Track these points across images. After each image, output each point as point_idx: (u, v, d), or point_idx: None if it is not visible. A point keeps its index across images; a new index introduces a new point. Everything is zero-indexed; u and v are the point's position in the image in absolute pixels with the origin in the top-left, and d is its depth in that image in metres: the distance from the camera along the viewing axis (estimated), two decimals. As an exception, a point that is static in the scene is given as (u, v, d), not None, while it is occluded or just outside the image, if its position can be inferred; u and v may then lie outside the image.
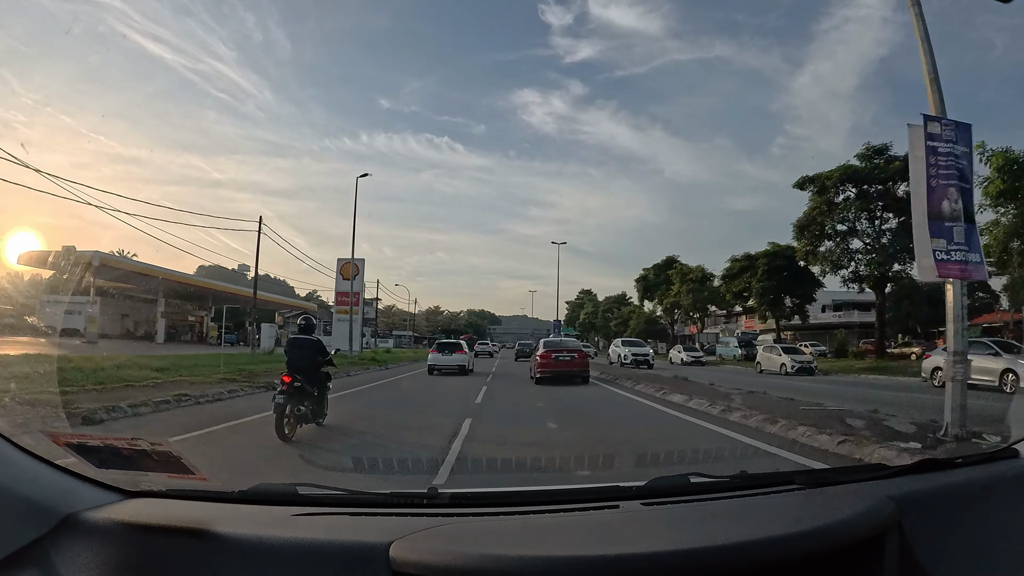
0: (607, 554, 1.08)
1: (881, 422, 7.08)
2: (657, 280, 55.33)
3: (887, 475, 1.58)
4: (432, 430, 7.28)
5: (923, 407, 9.19)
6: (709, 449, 5.70)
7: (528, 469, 4.76)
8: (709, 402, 9.76)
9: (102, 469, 1.35)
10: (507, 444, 6.44)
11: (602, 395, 13.21)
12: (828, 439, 6.22)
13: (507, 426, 8.14)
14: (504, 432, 7.50)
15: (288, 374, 6.51)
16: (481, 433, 6.95)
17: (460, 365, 19.74)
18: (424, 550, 1.09)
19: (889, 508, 1.28)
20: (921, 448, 5.46)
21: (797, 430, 6.81)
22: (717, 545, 1.13)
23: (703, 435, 7.09)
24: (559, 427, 7.91)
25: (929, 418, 7.03)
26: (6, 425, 2.64)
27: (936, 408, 6.98)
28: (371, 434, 7.32)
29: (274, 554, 1.11)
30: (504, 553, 1.10)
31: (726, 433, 7.10)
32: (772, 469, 3.48)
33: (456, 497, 1.49)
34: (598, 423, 8.70)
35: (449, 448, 5.70)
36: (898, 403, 10.72)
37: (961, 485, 1.48)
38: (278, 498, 1.43)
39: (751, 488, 1.58)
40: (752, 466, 4.27)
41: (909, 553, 1.23)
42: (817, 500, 1.49)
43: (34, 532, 1.10)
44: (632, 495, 1.49)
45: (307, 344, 7.04)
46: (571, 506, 1.44)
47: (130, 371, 11.90)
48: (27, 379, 8.49)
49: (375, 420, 8.60)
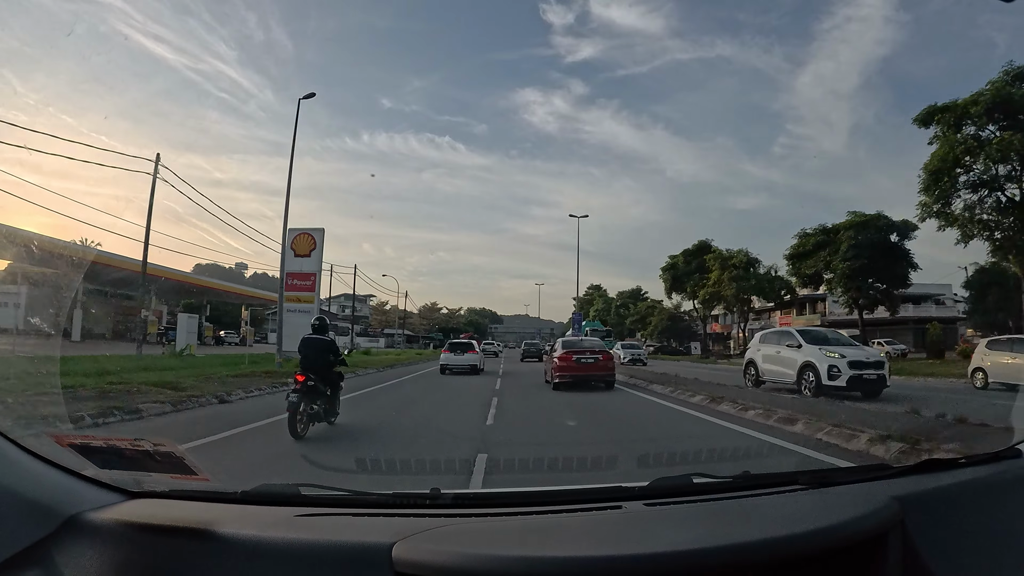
0: (610, 555, 1.08)
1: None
2: (687, 269, 47.01)
3: (890, 475, 1.58)
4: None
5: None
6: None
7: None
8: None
9: (105, 470, 1.34)
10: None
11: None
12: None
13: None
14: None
15: (301, 373, 6.68)
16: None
17: (472, 365, 20.01)
18: (427, 551, 1.09)
19: (892, 508, 1.27)
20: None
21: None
22: (720, 545, 1.13)
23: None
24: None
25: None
26: (9, 426, 2.06)
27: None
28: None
29: (277, 554, 1.11)
30: (507, 554, 1.10)
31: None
32: (776, 469, 3.20)
33: (459, 498, 1.49)
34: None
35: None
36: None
37: (964, 485, 1.45)
38: (281, 498, 1.43)
39: (754, 488, 1.57)
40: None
41: (912, 553, 1.22)
42: (820, 500, 1.48)
43: (37, 533, 1.11)
44: (635, 495, 1.48)
45: (320, 344, 7.12)
46: (574, 506, 1.43)
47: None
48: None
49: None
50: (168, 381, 10.67)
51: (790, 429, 7.01)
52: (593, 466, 4.53)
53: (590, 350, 14.51)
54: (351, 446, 6.25)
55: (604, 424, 8.48)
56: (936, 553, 1.22)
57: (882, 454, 5.38)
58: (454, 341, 23.85)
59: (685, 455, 4.99)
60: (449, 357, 20.23)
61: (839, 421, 6.71)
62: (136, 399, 8.45)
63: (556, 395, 12.30)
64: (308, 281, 22.72)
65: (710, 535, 1.20)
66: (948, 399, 11.14)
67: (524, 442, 6.73)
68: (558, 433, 7.58)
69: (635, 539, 1.21)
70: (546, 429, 8.03)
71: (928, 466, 1.57)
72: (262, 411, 8.33)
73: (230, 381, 12.04)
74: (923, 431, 5.80)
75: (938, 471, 1.54)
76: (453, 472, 4.64)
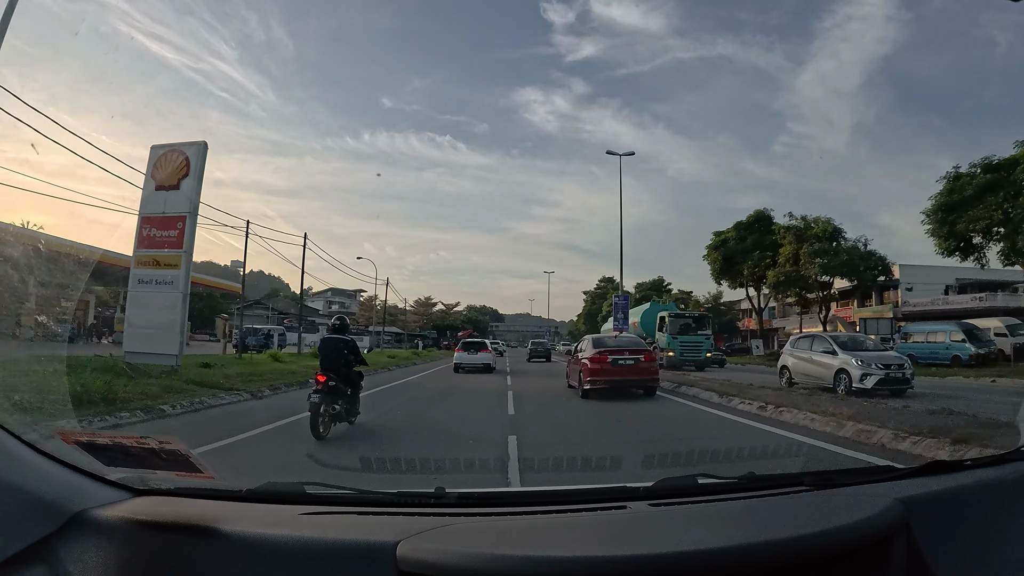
0: (614, 555, 1.09)
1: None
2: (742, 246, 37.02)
3: (895, 476, 1.57)
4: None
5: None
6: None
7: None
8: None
9: (110, 467, 1.34)
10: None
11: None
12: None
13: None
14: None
15: (323, 373, 6.72)
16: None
17: (485, 363, 20.87)
18: (431, 549, 1.09)
19: (897, 510, 1.26)
20: None
21: None
22: (724, 546, 1.12)
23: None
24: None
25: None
26: (16, 423, 1.90)
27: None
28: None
29: (281, 552, 1.11)
30: (511, 553, 1.10)
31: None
32: (781, 470, 3.18)
33: (463, 497, 1.48)
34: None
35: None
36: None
37: (970, 487, 1.44)
38: (286, 497, 1.43)
39: (759, 489, 1.56)
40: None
41: (917, 555, 1.21)
42: (825, 501, 1.47)
43: (43, 529, 1.11)
44: (640, 496, 1.48)
45: (340, 344, 7.14)
46: (578, 506, 1.43)
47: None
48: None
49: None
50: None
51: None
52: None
53: (630, 350, 12.19)
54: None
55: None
56: (941, 556, 1.21)
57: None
58: (467, 341, 24.56)
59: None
60: (463, 356, 21.23)
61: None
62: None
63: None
64: (173, 232, 12.67)
65: (714, 536, 1.20)
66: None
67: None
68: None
69: (639, 539, 1.22)
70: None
71: (933, 468, 1.56)
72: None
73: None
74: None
75: (943, 473, 1.53)
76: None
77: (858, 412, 7.51)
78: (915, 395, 11.66)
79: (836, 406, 8.21)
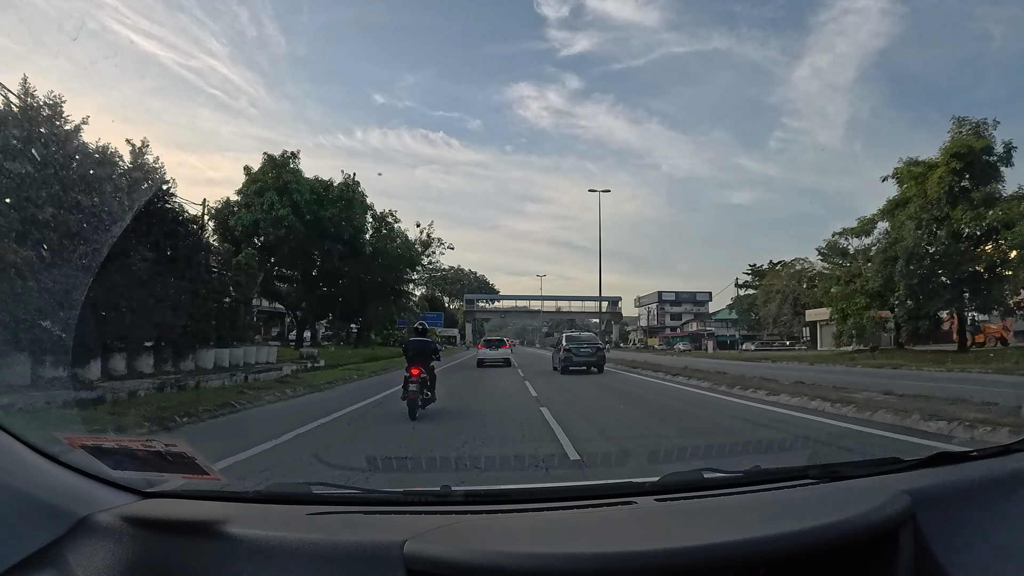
0: (621, 550, 1.08)
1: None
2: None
3: (902, 468, 1.56)
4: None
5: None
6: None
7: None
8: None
9: (117, 470, 1.34)
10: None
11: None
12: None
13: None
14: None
15: (415, 367, 8.12)
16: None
17: (505, 358, 23.89)
18: (438, 547, 1.09)
19: (904, 502, 1.26)
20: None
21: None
22: (731, 540, 1.12)
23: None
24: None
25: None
26: (22, 428, 1.78)
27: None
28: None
29: (289, 553, 1.11)
30: (518, 550, 1.10)
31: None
32: (788, 463, 3.20)
33: (470, 495, 1.50)
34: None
35: None
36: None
37: (977, 479, 1.43)
38: (293, 497, 1.45)
39: (765, 483, 1.56)
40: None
41: (924, 547, 1.21)
42: (831, 494, 1.47)
43: (51, 534, 1.11)
44: (646, 491, 1.49)
45: (424, 345, 8.74)
46: (585, 502, 1.44)
47: None
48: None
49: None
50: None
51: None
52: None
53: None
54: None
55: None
56: (948, 548, 1.21)
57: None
58: (488, 339, 27.33)
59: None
60: (485, 352, 24.25)
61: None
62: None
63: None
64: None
65: (720, 530, 1.21)
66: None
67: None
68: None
69: (648, 535, 1.23)
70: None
71: (940, 459, 1.55)
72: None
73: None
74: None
75: (950, 464, 1.53)
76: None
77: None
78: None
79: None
